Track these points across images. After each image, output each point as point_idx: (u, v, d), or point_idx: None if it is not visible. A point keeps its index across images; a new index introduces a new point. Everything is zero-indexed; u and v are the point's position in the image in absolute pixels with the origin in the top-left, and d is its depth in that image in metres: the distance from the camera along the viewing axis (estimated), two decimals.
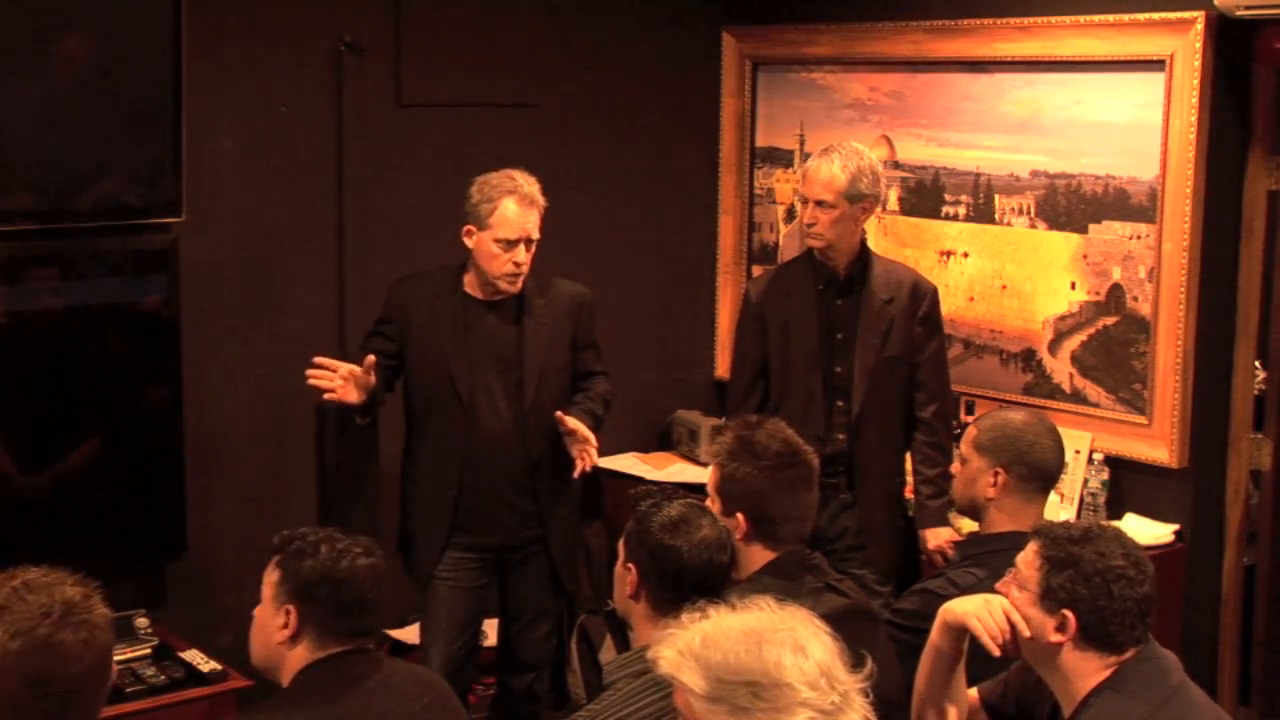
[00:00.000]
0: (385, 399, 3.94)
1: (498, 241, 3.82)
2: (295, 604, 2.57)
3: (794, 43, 5.11)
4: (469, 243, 3.87)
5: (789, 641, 1.93)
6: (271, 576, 2.63)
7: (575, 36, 4.96)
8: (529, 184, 3.87)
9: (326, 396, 3.75)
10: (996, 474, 3.13)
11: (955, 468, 3.31)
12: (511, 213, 3.82)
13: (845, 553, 4.04)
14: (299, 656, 2.58)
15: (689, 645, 1.95)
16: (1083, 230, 4.38)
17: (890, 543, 4.15)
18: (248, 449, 4.41)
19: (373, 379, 3.77)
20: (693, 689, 1.93)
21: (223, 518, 4.36)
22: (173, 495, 4.12)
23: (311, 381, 3.74)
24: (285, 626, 2.57)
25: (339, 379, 3.72)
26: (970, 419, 4.29)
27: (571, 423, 3.86)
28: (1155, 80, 4.13)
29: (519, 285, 3.89)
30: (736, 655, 1.92)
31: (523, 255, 3.84)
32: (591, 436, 3.88)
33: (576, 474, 3.91)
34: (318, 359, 3.75)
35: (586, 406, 3.96)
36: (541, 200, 3.88)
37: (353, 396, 3.75)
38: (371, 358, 3.77)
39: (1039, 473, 3.16)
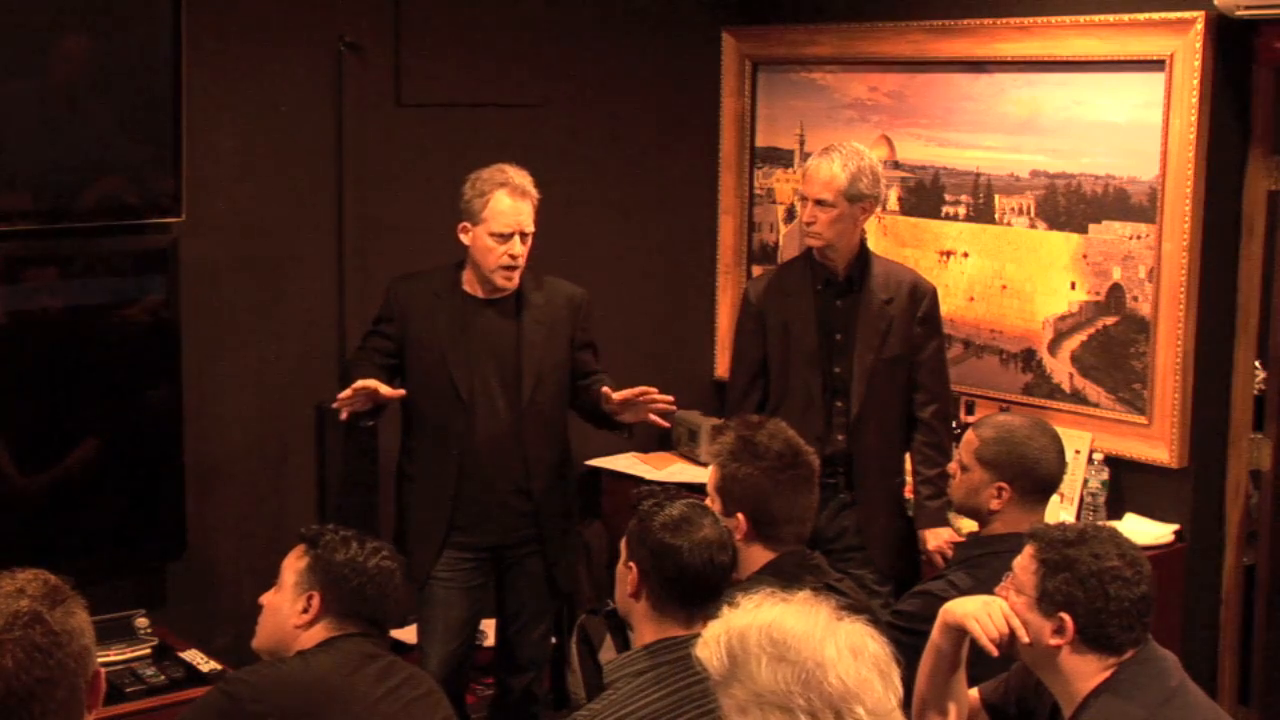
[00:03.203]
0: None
1: (492, 235, 3.83)
2: (320, 591, 2.73)
3: (794, 43, 5.11)
4: (465, 239, 3.88)
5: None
6: (298, 564, 2.77)
7: (575, 36, 4.96)
8: (520, 176, 3.87)
9: (343, 417, 3.76)
10: (1001, 489, 3.13)
11: (953, 468, 3.30)
12: (504, 205, 3.82)
13: (844, 553, 4.03)
14: (313, 637, 2.73)
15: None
16: (1083, 230, 4.38)
17: (889, 543, 4.15)
18: (247, 449, 4.41)
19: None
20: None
21: (223, 518, 4.36)
22: (173, 495, 4.12)
23: (346, 414, 3.74)
24: (305, 611, 2.73)
25: (362, 397, 3.73)
26: (970, 419, 4.29)
27: (618, 394, 3.83)
28: (1155, 80, 4.13)
29: (515, 280, 3.88)
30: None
31: (518, 248, 3.84)
32: (641, 387, 3.83)
33: (664, 422, 3.92)
34: (361, 383, 3.71)
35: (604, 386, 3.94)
36: (534, 193, 3.88)
37: (365, 406, 3.77)
38: (402, 392, 3.83)
39: (1043, 486, 3.17)
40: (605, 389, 3.86)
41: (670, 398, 3.84)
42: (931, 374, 4.13)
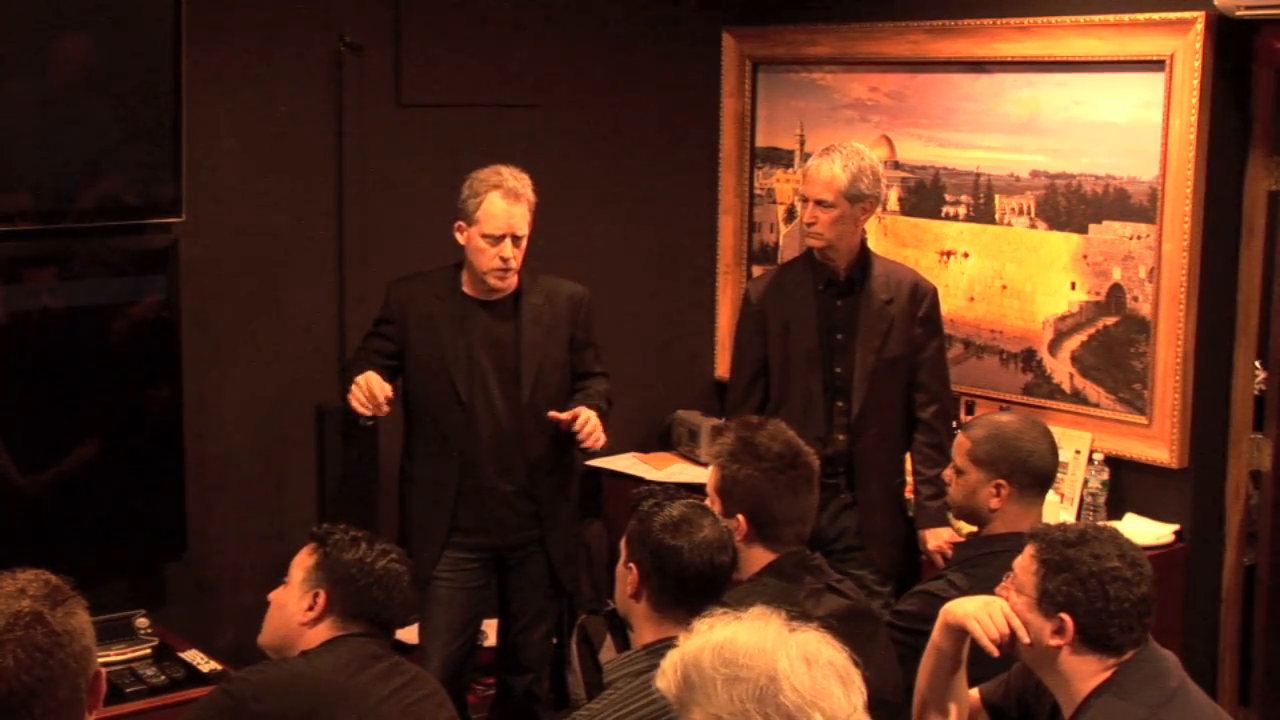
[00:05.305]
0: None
1: (484, 236, 3.83)
2: (327, 589, 2.74)
3: (794, 43, 5.11)
4: (460, 238, 3.88)
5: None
6: (306, 561, 2.79)
7: (575, 36, 4.96)
8: (515, 179, 3.87)
9: (369, 423, 3.79)
10: (999, 486, 3.14)
11: (949, 475, 3.31)
12: (497, 208, 3.83)
13: (845, 553, 4.04)
14: (318, 635, 2.73)
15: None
16: (1083, 230, 4.38)
17: (890, 543, 4.15)
18: (247, 449, 4.41)
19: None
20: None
21: (222, 518, 4.36)
22: (172, 495, 4.11)
23: (360, 409, 3.77)
24: (311, 609, 2.74)
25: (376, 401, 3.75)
26: (971, 419, 4.29)
27: (566, 415, 3.85)
28: (1155, 80, 4.13)
29: (508, 281, 3.88)
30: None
31: (509, 250, 3.84)
32: (586, 413, 3.83)
33: (591, 445, 3.86)
34: (380, 389, 3.74)
35: (586, 401, 3.94)
36: (530, 196, 3.88)
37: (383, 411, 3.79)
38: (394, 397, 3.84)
39: (1039, 479, 3.18)
40: (551, 414, 3.86)
41: (593, 439, 3.83)
42: (932, 374, 4.13)
